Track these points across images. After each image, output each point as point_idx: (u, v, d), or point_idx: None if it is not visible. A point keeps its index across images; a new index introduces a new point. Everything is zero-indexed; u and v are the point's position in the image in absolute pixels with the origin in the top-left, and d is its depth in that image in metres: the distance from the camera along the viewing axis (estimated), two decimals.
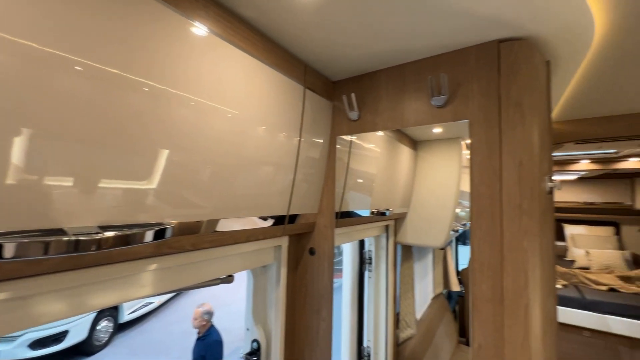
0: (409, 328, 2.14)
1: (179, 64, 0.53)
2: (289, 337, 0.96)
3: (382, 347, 1.90)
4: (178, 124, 0.54)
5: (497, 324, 0.65)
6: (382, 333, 1.90)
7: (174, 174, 0.55)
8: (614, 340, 2.76)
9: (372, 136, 1.05)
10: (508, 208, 0.65)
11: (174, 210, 0.57)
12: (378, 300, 1.92)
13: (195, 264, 0.68)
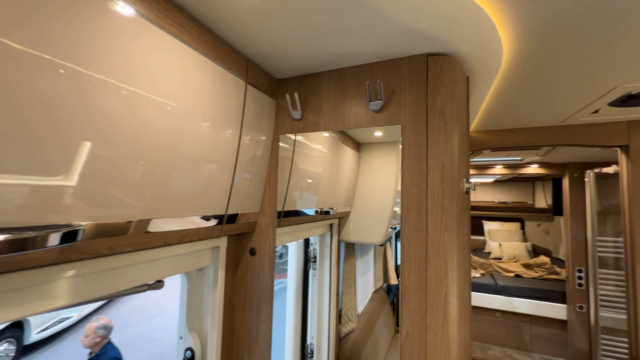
0: (351, 322, 2.23)
1: (105, 47, 0.47)
2: (227, 341, 0.92)
3: (325, 343, 1.94)
4: (104, 114, 0.48)
5: (422, 312, 0.71)
6: (325, 329, 1.95)
7: (97, 169, 0.48)
8: (518, 318, 3.27)
9: (317, 137, 1.07)
10: (432, 206, 0.73)
11: (96, 210, 0.50)
12: (322, 298, 1.96)
13: (116, 270, 0.61)
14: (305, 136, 1.07)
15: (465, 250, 0.82)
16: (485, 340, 3.35)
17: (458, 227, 0.75)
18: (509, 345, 3.26)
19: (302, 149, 1.13)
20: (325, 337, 1.96)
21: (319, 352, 1.96)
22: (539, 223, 4.79)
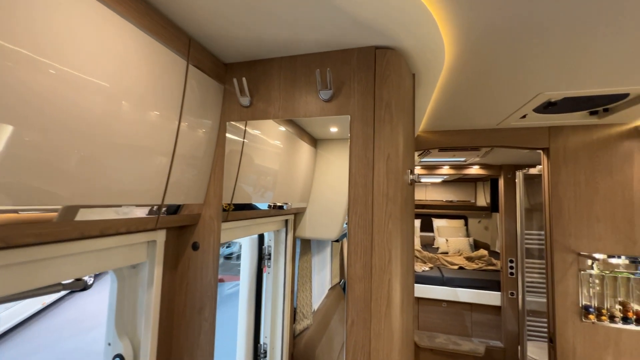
0: (306, 319, 2.21)
1: (27, 17, 0.39)
2: (164, 345, 0.85)
3: (278, 342, 1.90)
4: (30, 95, 0.40)
5: (366, 300, 0.73)
6: (279, 328, 1.91)
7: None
8: (461, 307, 3.55)
9: (271, 130, 1.04)
10: (377, 195, 0.74)
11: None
12: (276, 295, 1.92)
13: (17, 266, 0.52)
14: (258, 129, 1.03)
15: (408, 238, 0.86)
16: (433, 329, 3.59)
17: (402, 216, 0.78)
18: (453, 332, 3.53)
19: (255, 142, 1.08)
20: (279, 335, 1.92)
21: (272, 351, 1.91)
22: (480, 220, 5.28)
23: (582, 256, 1.66)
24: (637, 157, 1.63)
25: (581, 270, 1.66)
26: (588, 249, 1.65)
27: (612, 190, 1.65)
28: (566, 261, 1.68)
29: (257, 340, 1.83)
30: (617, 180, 1.65)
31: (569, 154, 1.73)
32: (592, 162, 1.69)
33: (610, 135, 1.68)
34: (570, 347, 1.63)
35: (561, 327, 1.65)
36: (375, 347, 0.70)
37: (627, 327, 1.56)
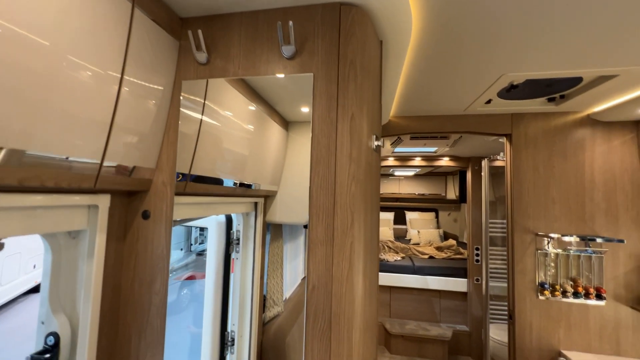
0: (276, 306, 2.17)
1: None
2: (109, 321, 0.77)
3: (246, 330, 1.85)
4: None
5: (328, 263, 0.70)
6: (247, 315, 1.85)
7: None
8: (430, 294, 3.66)
9: (235, 101, 0.98)
10: (340, 156, 0.72)
11: None
12: (245, 282, 1.86)
13: None
14: (221, 98, 0.97)
15: (373, 204, 0.84)
16: (404, 316, 3.68)
17: (366, 179, 0.76)
18: (423, 318, 3.64)
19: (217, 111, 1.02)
20: (248, 323, 1.86)
21: (240, 339, 1.86)
22: (449, 212, 5.49)
23: (539, 236, 1.75)
24: (588, 143, 1.75)
25: (538, 250, 1.75)
26: (545, 229, 1.74)
27: (566, 174, 1.75)
28: (525, 241, 1.77)
29: (224, 327, 1.76)
30: (570, 164, 1.75)
31: (529, 140, 1.82)
32: (550, 148, 1.79)
33: (566, 123, 1.78)
34: (528, 322, 1.72)
35: (520, 304, 1.74)
36: (337, 311, 0.68)
37: (576, 301, 1.67)
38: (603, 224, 1.69)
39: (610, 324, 1.64)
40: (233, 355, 1.81)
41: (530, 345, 1.71)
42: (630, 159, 1.68)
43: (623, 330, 1.63)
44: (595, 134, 1.74)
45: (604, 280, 1.67)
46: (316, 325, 0.69)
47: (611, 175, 1.70)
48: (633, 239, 1.65)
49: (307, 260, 0.71)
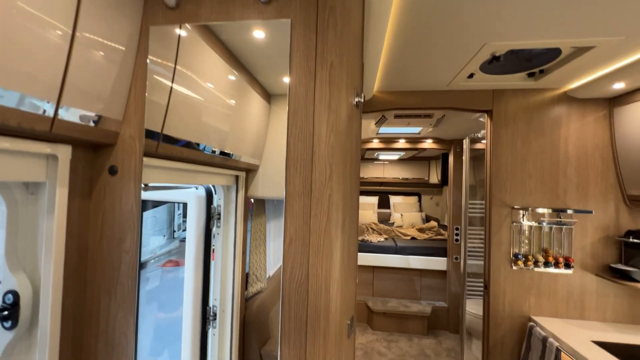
0: (259, 282, 2.16)
1: None
2: (75, 281, 0.73)
3: (229, 305, 1.83)
4: None
5: (305, 216, 0.68)
6: (229, 290, 1.83)
7: None
8: (412, 273, 3.77)
9: (211, 62, 0.92)
10: (319, 106, 0.69)
11: None
12: (226, 256, 1.83)
13: None
14: (195, 57, 0.91)
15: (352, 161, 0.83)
16: (386, 295, 3.78)
17: (346, 132, 0.74)
18: (404, 296, 3.76)
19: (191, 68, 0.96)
20: (230, 298, 1.85)
21: (222, 314, 1.84)
22: (432, 196, 5.62)
23: (515, 209, 1.81)
24: (564, 120, 1.80)
25: (514, 223, 1.81)
26: (520, 202, 1.80)
27: (543, 149, 1.81)
28: (502, 215, 1.83)
29: (206, 302, 1.74)
30: (547, 140, 1.80)
31: (509, 116, 1.85)
32: (528, 124, 1.83)
33: (544, 100, 1.82)
34: (502, 291, 1.80)
35: (495, 274, 1.81)
36: (314, 263, 0.67)
37: (547, 270, 1.76)
38: (574, 198, 1.76)
39: (576, 291, 1.74)
40: (215, 330, 1.81)
41: (502, 313, 1.79)
42: (602, 134, 1.75)
43: (587, 296, 1.73)
44: (570, 110, 1.79)
45: (572, 250, 1.76)
46: (293, 278, 0.68)
47: (584, 151, 1.77)
48: (600, 211, 1.74)
49: (285, 214, 0.69)
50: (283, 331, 0.68)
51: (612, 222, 1.73)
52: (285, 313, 0.68)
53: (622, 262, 1.69)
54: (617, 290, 1.72)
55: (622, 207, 1.73)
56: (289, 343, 0.67)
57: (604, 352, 1.39)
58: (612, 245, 1.73)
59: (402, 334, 3.44)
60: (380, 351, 3.10)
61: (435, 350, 3.15)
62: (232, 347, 1.85)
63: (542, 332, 1.62)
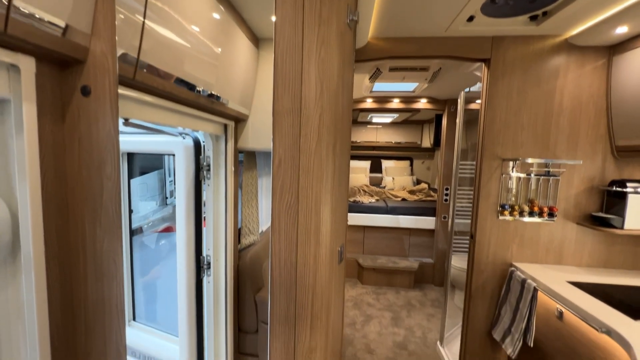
0: (252, 235, 2.18)
1: None
2: (56, 207, 0.70)
3: (222, 255, 1.86)
4: None
5: (295, 135, 0.65)
6: (221, 240, 1.85)
7: None
8: (401, 232, 3.89)
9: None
10: (309, 16, 0.63)
11: None
12: (218, 208, 1.82)
13: None
14: None
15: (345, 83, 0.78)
16: (376, 253, 3.93)
17: (338, 45, 0.69)
18: (393, 254, 3.91)
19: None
20: (223, 248, 1.87)
21: (216, 263, 1.87)
22: (423, 161, 5.65)
23: (505, 161, 1.82)
24: (562, 69, 1.76)
25: (503, 174, 1.84)
26: (511, 154, 1.81)
27: (538, 100, 1.78)
28: (492, 167, 1.84)
29: (199, 252, 1.76)
30: (543, 91, 1.77)
31: (507, 65, 1.79)
32: (525, 74, 1.78)
33: (544, 48, 1.76)
34: (487, 240, 1.87)
35: (481, 224, 1.87)
36: (304, 184, 0.65)
37: (531, 219, 1.82)
38: (564, 149, 1.77)
39: (557, 239, 1.82)
40: (210, 278, 1.84)
41: (486, 260, 1.88)
42: (598, 84, 1.72)
43: (567, 243, 1.82)
44: (570, 59, 1.74)
45: (557, 200, 1.81)
46: (283, 199, 0.66)
47: (578, 102, 1.75)
48: (588, 162, 1.76)
49: (273, 133, 0.66)
50: (273, 253, 0.68)
51: (598, 173, 1.77)
52: (276, 235, 0.68)
53: (603, 211, 1.76)
54: (594, 237, 1.80)
55: (609, 158, 1.75)
56: (280, 264, 0.67)
57: (578, 290, 1.49)
58: (596, 195, 1.78)
59: (390, 287, 3.63)
60: (369, 302, 3.28)
61: (421, 300, 3.35)
62: (227, 294, 1.91)
63: (521, 275, 1.71)
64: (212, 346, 1.89)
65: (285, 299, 0.69)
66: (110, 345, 0.61)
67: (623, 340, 1.10)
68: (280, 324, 0.70)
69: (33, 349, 0.65)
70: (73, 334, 0.63)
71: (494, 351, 1.93)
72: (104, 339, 0.61)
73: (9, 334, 0.63)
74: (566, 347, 1.42)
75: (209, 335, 1.83)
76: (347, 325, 2.84)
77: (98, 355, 0.61)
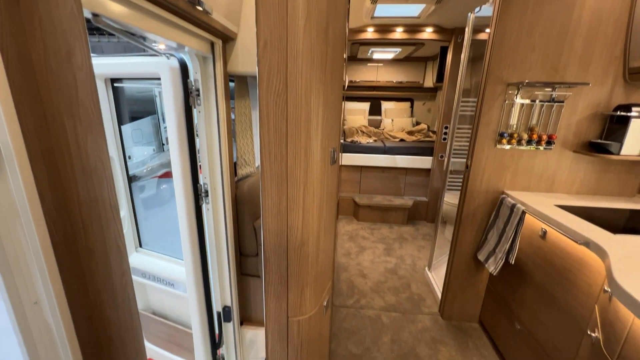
0: (248, 166, 2.18)
1: None
2: (29, 100, 0.66)
3: (219, 183, 1.86)
4: None
5: (282, 12, 0.58)
6: (217, 169, 1.84)
7: None
8: (397, 172, 3.93)
9: None
10: None
11: None
12: (211, 135, 1.78)
13: None
14: None
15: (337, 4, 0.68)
16: (372, 192, 4.02)
17: None
18: (389, 193, 4.01)
19: None
20: (219, 176, 1.86)
21: (214, 191, 1.89)
22: (424, 102, 5.45)
23: (510, 86, 1.73)
24: None
25: (506, 100, 1.76)
26: (517, 78, 1.72)
27: (553, 18, 1.62)
28: (496, 92, 1.76)
29: (196, 180, 1.75)
30: (560, 6, 1.60)
31: None
32: None
33: None
34: (482, 169, 1.88)
35: (478, 153, 1.86)
36: (293, 69, 0.60)
37: (528, 148, 1.80)
38: (574, 72, 1.67)
39: (551, 168, 1.83)
40: (209, 205, 1.87)
41: (479, 189, 1.91)
42: None
43: (560, 171, 1.83)
44: None
45: (558, 128, 1.77)
46: (271, 87, 0.62)
47: (597, 18, 1.60)
48: (597, 86, 1.68)
49: (256, 11, 0.59)
50: (262, 146, 0.66)
51: (604, 98, 1.70)
52: (264, 127, 0.65)
53: (603, 138, 1.73)
54: (588, 165, 1.81)
55: (620, 82, 1.67)
56: (270, 155, 0.66)
57: (565, 212, 1.54)
58: (598, 122, 1.74)
59: (384, 223, 3.80)
60: (364, 236, 3.46)
61: (413, 234, 3.53)
62: (227, 221, 1.97)
63: (511, 200, 1.76)
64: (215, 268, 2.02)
65: (277, 192, 0.69)
66: (110, 244, 0.62)
67: (600, 249, 1.17)
68: (273, 217, 0.72)
69: (34, 243, 0.66)
70: (72, 232, 0.63)
71: (477, 271, 2.09)
72: (103, 238, 0.62)
73: (8, 231, 0.64)
74: (545, 262, 1.52)
75: (212, 258, 1.95)
76: (342, 255, 3.04)
77: (100, 254, 0.62)
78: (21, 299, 0.61)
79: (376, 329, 2.08)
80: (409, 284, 2.60)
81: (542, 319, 1.49)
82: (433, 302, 2.39)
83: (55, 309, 0.56)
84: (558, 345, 1.38)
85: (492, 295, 2.00)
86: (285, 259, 0.73)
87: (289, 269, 0.74)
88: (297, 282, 0.76)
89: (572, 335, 1.30)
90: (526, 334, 1.61)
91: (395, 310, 2.27)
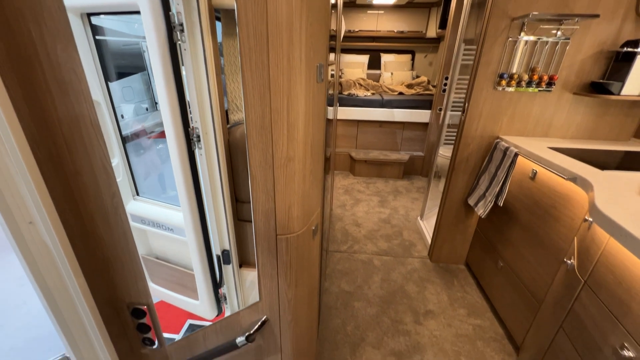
0: (239, 112, 2.13)
1: None
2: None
3: (210, 128, 1.83)
4: None
5: None
6: (207, 113, 1.79)
7: None
8: (395, 126, 3.87)
9: None
10: None
11: None
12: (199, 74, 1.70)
13: None
14: None
15: None
16: (368, 147, 4.00)
17: None
18: (386, 148, 3.99)
19: None
20: (210, 121, 1.82)
21: (206, 136, 1.85)
22: (426, 54, 5.18)
23: (515, 21, 1.63)
24: None
25: (510, 38, 1.67)
26: (523, 11, 1.61)
27: None
28: (499, 29, 1.66)
29: (186, 123, 1.71)
30: None
31: None
32: None
33: None
34: (478, 112, 1.84)
35: (476, 95, 1.80)
36: None
37: (527, 89, 1.75)
38: (584, 4, 1.56)
39: (549, 111, 1.79)
40: (202, 150, 1.86)
41: (474, 133, 1.89)
42: None
43: (557, 115, 1.80)
44: None
45: (560, 68, 1.70)
46: None
47: None
48: (606, 21, 1.58)
49: None
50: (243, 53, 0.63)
51: (612, 35, 1.61)
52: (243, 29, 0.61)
53: (606, 78, 1.68)
54: (586, 107, 1.77)
55: (631, 16, 1.57)
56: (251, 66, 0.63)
57: (556, 152, 1.54)
58: (602, 61, 1.67)
59: (379, 177, 3.84)
60: (359, 189, 3.51)
61: (407, 188, 3.59)
62: (221, 166, 1.96)
63: (505, 144, 1.75)
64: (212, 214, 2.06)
65: (260, 104, 0.67)
66: (96, 164, 0.61)
67: (586, 182, 1.19)
68: (257, 132, 0.71)
69: (18, 162, 0.64)
70: (57, 152, 0.62)
71: (467, 217, 2.15)
72: (88, 158, 0.60)
73: None
74: (532, 202, 1.56)
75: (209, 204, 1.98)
76: (337, 207, 3.11)
77: (87, 175, 0.61)
78: (15, 219, 0.62)
79: (368, 270, 2.20)
80: (401, 232, 2.70)
81: (525, 254, 1.57)
82: (423, 247, 2.50)
83: (51, 229, 0.57)
84: (536, 276, 1.47)
85: (480, 238, 2.08)
86: (272, 175, 0.74)
87: (275, 186, 0.75)
88: (284, 199, 0.77)
89: (550, 266, 1.38)
90: (508, 270, 1.71)
91: (387, 254, 2.39)
